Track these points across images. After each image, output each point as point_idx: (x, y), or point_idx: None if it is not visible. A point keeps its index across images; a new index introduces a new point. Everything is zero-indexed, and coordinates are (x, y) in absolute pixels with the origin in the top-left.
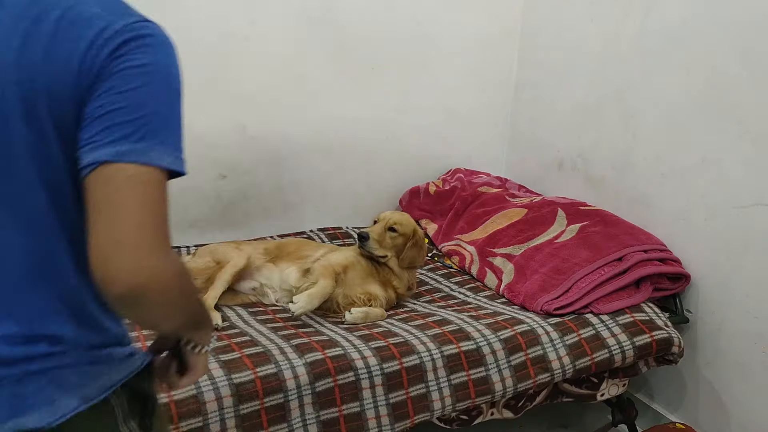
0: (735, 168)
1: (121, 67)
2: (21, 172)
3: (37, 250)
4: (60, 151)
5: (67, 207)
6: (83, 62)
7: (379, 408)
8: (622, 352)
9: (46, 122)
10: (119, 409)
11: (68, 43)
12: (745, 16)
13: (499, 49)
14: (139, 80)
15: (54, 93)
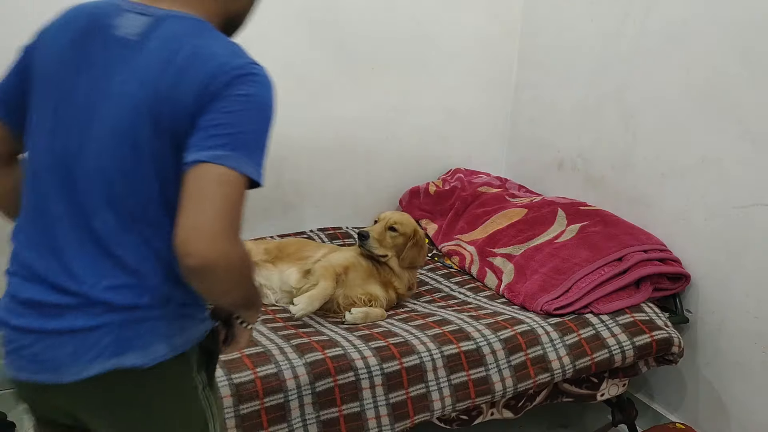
0: (735, 168)
1: (229, 93)
2: (144, 168)
3: (148, 224)
4: (171, 153)
5: (170, 195)
6: (204, 87)
7: (379, 408)
8: (622, 352)
9: (167, 131)
10: (194, 360)
11: (194, 73)
12: (745, 16)
13: (499, 49)
14: (241, 105)
15: (177, 109)
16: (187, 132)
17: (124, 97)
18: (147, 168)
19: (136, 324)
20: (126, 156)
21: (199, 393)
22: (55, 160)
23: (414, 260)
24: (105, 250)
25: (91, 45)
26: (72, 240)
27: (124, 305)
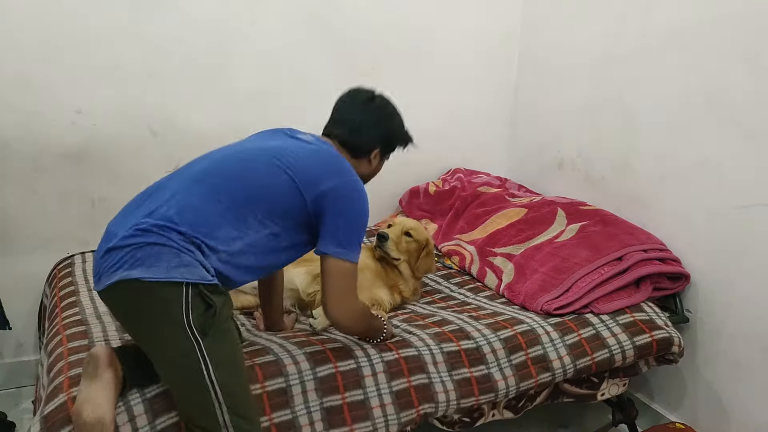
0: (735, 168)
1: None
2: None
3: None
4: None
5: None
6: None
7: (382, 396)
8: (623, 351)
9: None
10: (187, 297)
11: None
12: (745, 16)
13: (499, 49)
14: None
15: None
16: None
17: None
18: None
19: (149, 247)
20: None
21: (185, 328)
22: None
23: (429, 269)
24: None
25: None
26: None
27: (147, 229)
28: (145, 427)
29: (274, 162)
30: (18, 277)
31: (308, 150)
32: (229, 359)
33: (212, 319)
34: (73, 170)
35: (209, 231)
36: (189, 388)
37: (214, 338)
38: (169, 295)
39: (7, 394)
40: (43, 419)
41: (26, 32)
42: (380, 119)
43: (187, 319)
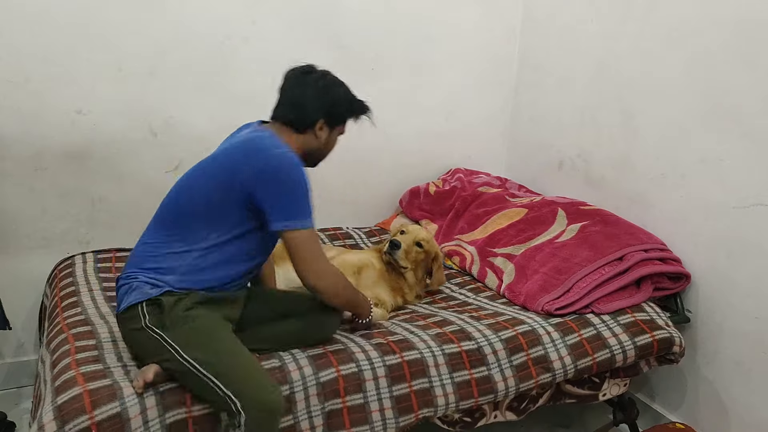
0: (735, 168)
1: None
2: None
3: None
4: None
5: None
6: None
7: (382, 400)
8: (624, 351)
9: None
10: (141, 310)
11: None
12: (745, 16)
13: (499, 49)
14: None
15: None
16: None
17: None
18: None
19: (137, 282)
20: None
21: (146, 330)
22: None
23: (441, 281)
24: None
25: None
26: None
27: (135, 275)
28: (154, 420)
29: (204, 174)
30: (18, 277)
31: (235, 144)
32: (196, 340)
33: (166, 315)
34: (73, 170)
35: (157, 260)
36: (183, 377)
37: (173, 329)
38: (131, 315)
39: (7, 394)
40: (56, 408)
41: (26, 32)
42: (319, 90)
43: (144, 323)
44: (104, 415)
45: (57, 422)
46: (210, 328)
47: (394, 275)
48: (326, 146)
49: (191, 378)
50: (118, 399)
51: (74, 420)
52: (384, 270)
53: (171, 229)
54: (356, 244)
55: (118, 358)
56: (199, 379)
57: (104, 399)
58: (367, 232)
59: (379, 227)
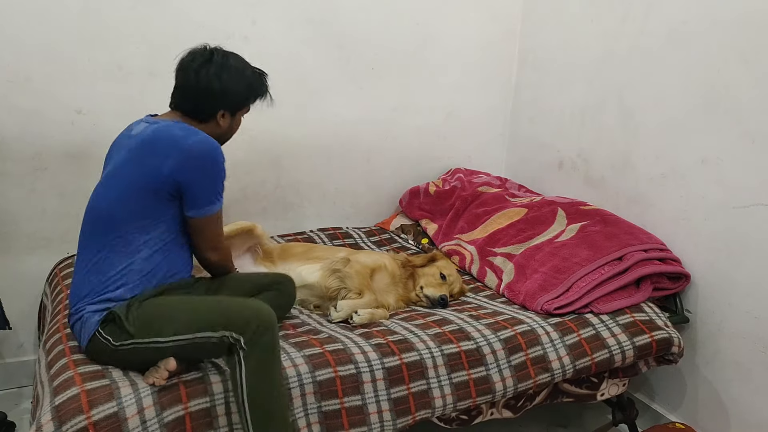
0: (735, 168)
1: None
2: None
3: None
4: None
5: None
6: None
7: (380, 402)
8: (622, 352)
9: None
10: (101, 338)
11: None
12: (745, 16)
13: (499, 49)
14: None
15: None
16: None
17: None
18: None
19: (90, 314)
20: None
21: (118, 350)
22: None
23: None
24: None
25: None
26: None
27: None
28: (152, 419)
29: (123, 182)
30: (18, 277)
31: (144, 142)
32: (162, 318)
33: (126, 322)
34: (73, 170)
35: (102, 285)
36: (182, 356)
37: (139, 329)
38: (96, 346)
39: (7, 394)
40: (54, 408)
41: (26, 32)
42: (219, 82)
43: (112, 346)
44: (101, 415)
45: (54, 422)
46: (167, 303)
47: (408, 283)
48: (230, 130)
49: (188, 349)
50: (115, 399)
51: (71, 420)
52: (397, 277)
53: (105, 247)
54: (356, 244)
55: None
56: (192, 345)
57: (101, 399)
58: (367, 231)
59: (379, 227)
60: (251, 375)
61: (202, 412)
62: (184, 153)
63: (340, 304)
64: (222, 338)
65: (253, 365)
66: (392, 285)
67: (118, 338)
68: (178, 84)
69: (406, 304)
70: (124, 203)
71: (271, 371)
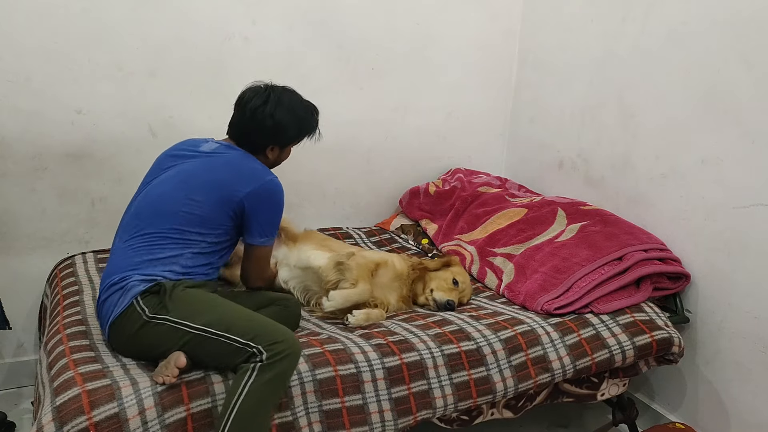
0: (735, 168)
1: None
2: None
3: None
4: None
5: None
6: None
7: (381, 402)
8: (623, 352)
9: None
10: (138, 306)
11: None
12: (745, 16)
13: (499, 49)
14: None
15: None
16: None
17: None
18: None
19: (131, 283)
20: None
21: (151, 323)
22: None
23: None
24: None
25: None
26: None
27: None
28: (153, 420)
29: (195, 187)
30: (18, 277)
31: (217, 163)
32: (200, 307)
33: (167, 297)
34: (73, 170)
35: (151, 261)
36: (200, 349)
37: (175, 307)
38: (128, 316)
39: (7, 394)
40: (55, 409)
41: (26, 32)
42: (272, 120)
43: (146, 316)
44: (102, 416)
45: (56, 423)
46: (208, 296)
47: (416, 287)
48: (278, 160)
49: (208, 344)
50: (116, 399)
51: (72, 421)
52: (404, 276)
53: (161, 235)
54: (356, 244)
55: (117, 358)
56: (215, 341)
57: (102, 399)
58: (367, 231)
59: (379, 227)
60: (257, 387)
61: (204, 413)
62: (260, 186)
63: (332, 294)
64: (246, 345)
65: (263, 381)
66: (396, 283)
67: (153, 310)
68: (234, 119)
69: (408, 305)
70: (192, 204)
71: (274, 395)
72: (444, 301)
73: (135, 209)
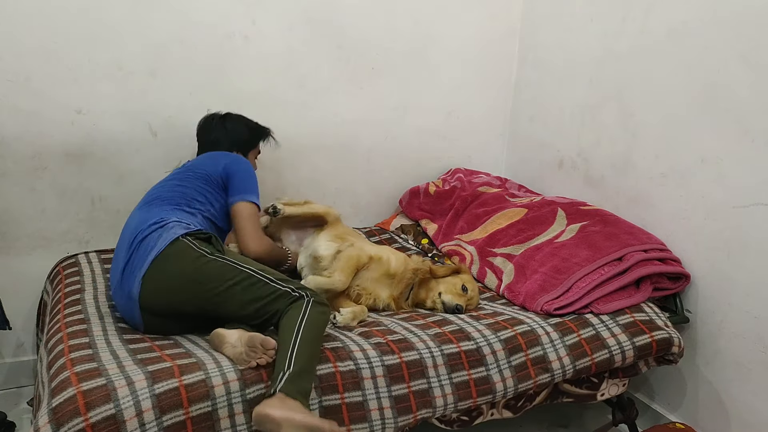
0: (735, 168)
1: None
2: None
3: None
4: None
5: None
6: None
7: (381, 399)
8: (622, 352)
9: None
10: (192, 241)
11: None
12: (745, 16)
13: (499, 49)
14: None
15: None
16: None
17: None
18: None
19: (153, 234)
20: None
21: (205, 257)
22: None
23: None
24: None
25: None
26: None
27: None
28: (151, 422)
29: (191, 172)
30: (18, 277)
31: (203, 157)
32: (243, 260)
33: (213, 245)
34: (73, 170)
35: (176, 215)
36: (252, 289)
37: (222, 253)
38: (177, 249)
39: (7, 394)
40: (51, 411)
41: (26, 32)
42: (224, 128)
43: (199, 250)
44: (99, 417)
45: (52, 425)
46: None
47: (418, 291)
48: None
49: (256, 287)
50: (112, 400)
51: (69, 423)
52: (398, 275)
53: (175, 202)
54: None
55: (113, 355)
56: (264, 284)
57: (98, 400)
58: (366, 232)
59: (379, 227)
60: (314, 317)
61: (204, 416)
62: (231, 160)
63: (308, 278)
64: (292, 290)
65: (316, 310)
66: (387, 281)
67: (212, 250)
68: (199, 139)
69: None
70: (199, 181)
71: (324, 322)
72: (453, 304)
73: (141, 202)
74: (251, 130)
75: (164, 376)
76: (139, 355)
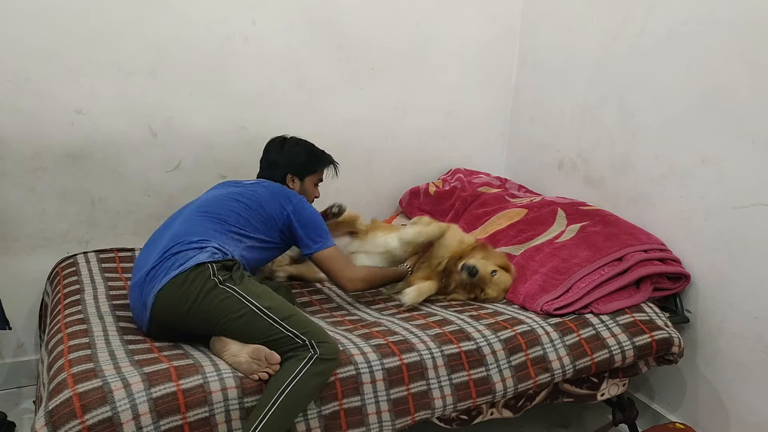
0: (735, 168)
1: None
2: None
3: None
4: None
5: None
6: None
7: (379, 403)
8: (622, 352)
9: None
10: (212, 269)
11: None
12: (745, 16)
13: (499, 49)
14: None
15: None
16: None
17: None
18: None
19: (178, 255)
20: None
21: (220, 287)
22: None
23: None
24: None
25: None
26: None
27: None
28: (149, 426)
29: (242, 201)
30: (18, 277)
31: (259, 187)
32: (265, 294)
33: (235, 274)
34: (73, 170)
35: (221, 240)
36: (253, 326)
37: (242, 285)
38: (198, 273)
39: (7, 394)
40: (48, 414)
41: (26, 32)
42: (283, 152)
43: (219, 280)
44: (95, 420)
45: (48, 428)
46: (265, 287)
47: (447, 279)
48: (303, 193)
49: (261, 324)
50: (108, 403)
51: (65, 425)
52: (438, 263)
53: (227, 225)
54: None
55: (111, 356)
56: (269, 324)
57: (95, 403)
58: None
59: None
60: (308, 376)
61: (202, 422)
62: (294, 205)
63: (406, 230)
64: (298, 337)
65: (314, 371)
66: (457, 247)
67: (225, 279)
68: (262, 161)
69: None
70: (255, 213)
71: (316, 388)
72: (471, 264)
73: (194, 206)
74: (309, 155)
75: (161, 379)
76: (137, 356)
